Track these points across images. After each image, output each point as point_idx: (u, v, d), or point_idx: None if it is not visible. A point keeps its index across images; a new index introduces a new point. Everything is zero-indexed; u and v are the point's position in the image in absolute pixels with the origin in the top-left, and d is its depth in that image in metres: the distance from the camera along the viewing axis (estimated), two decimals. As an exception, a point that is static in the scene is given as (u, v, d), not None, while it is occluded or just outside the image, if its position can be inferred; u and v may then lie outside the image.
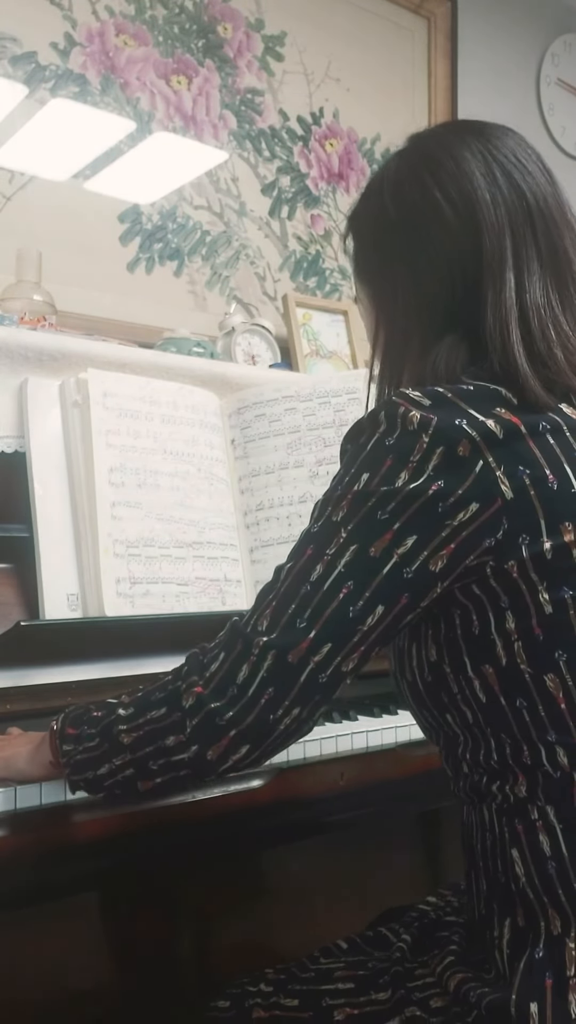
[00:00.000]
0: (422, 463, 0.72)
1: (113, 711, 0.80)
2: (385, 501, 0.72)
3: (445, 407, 0.73)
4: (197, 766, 0.75)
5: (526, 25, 2.69)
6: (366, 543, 0.72)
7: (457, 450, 0.71)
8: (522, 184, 0.82)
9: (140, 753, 0.77)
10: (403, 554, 0.72)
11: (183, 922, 1.28)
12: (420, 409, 0.73)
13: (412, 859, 1.52)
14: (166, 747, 0.76)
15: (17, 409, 1.20)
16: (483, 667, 0.75)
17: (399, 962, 0.84)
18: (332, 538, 0.74)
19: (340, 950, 0.93)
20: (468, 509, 0.71)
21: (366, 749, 1.08)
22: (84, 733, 0.81)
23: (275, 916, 1.34)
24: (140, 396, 1.26)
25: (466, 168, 0.81)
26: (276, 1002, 0.85)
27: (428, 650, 0.79)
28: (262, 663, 0.73)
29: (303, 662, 0.72)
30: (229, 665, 0.74)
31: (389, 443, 0.74)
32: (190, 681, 0.75)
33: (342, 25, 2.25)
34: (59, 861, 0.87)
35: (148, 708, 0.77)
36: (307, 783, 1.03)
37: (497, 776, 0.76)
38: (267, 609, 0.75)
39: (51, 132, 1.78)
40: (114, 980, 1.21)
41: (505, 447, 0.72)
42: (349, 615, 0.72)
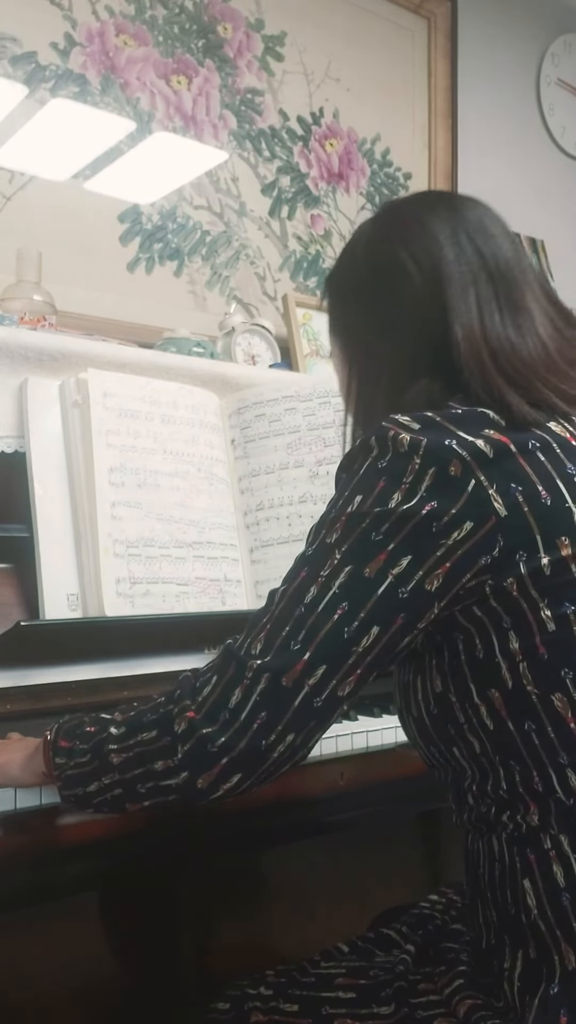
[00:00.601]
0: (415, 484, 0.72)
1: (106, 728, 0.80)
2: (379, 522, 0.73)
3: (434, 429, 0.74)
4: (186, 792, 0.75)
5: (526, 25, 2.69)
6: (361, 564, 0.72)
7: (449, 470, 0.72)
8: (484, 248, 0.85)
9: (129, 775, 0.77)
10: (398, 574, 0.72)
11: (183, 922, 1.28)
12: (410, 432, 0.74)
13: (412, 859, 1.52)
14: (155, 771, 0.75)
15: (17, 409, 1.20)
16: (489, 691, 0.74)
17: (403, 976, 0.83)
18: (326, 560, 0.74)
19: (341, 953, 0.92)
20: (463, 528, 0.71)
21: (366, 749, 1.08)
22: (76, 748, 0.81)
23: (275, 916, 1.34)
24: (140, 396, 1.26)
25: (432, 231, 0.85)
26: (275, 1006, 0.84)
27: (433, 681, 0.78)
28: (255, 686, 0.72)
29: (298, 685, 0.72)
30: (222, 689, 0.73)
31: (381, 466, 0.75)
32: (182, 705, 0.75)
33: (342, 25, 2.25)
34: (59, 861, 0.87)
35: (139, 730, 0.77)
36: (307, 783, 1.03)
37: (507, 806, 0.75)
38: (261, 632, 0.74)
39: (51, 132, 1.78)
40: (114, 980, 1.21)
41: (496, 466, 0.72)
42: (344, 636, 0.72)
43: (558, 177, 2.79)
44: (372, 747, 1.08)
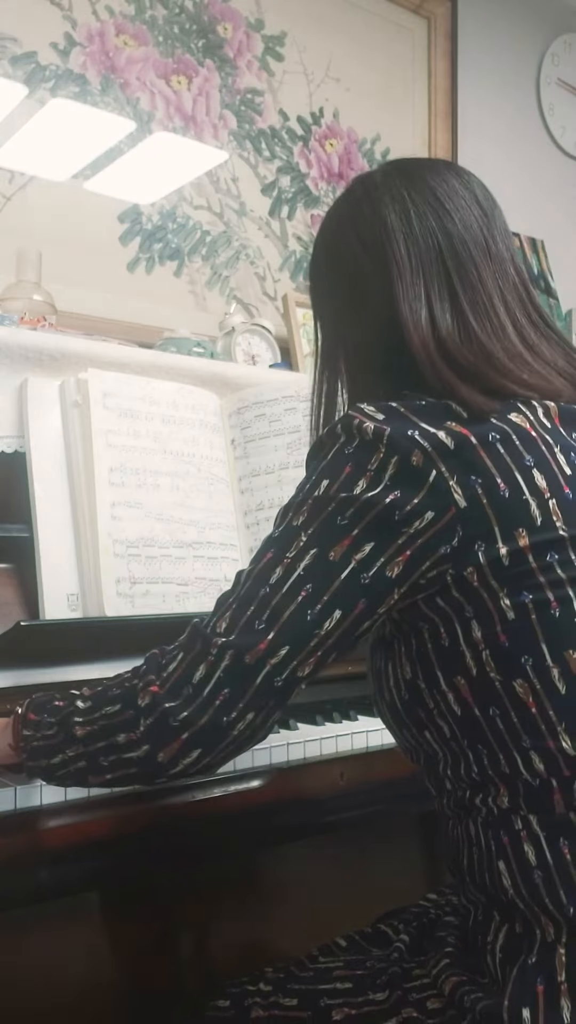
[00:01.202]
0: (379, 472, 0.74)
1: (72, 702, 0.81)
2: (344, 507, 0.74)
3: (398, 419, 0.76)
4: (147, 766, 0.76)
5: (526, 25, 2.69)
6: (326, 547, 0.74)
7: (411, 460, 0.73)
8: (438, 226, 0.84)
9: (92, 747, 0.78)
10: (361, 560, 0.73)
11: (183, 922, 1.28)
12: (374, 421, 0.75)
13: (412, 859, 1.52)
14: (117, 744, 0.76)
15: (17, 409, 1.20)
16: (455, 679, 0.76)
17: (397, 962, 0.84)
18: (292, 542, 0.76)
19: (339, 948, 0.93)
20: (424, 517, 0.73)
21: (366, 749, 1.08)
22: (44, 721, 0.82)
23: (275, 916, 1.34)
24: (140, 396, 1.26)
25: (382, 213, 0.85)
26: (275, 1001, 0.85)
27: (403, 668, 0.80)
28: (219, 663, 0.73)
29: (260, 664, 0.73)
30: (187, 665, 0.75)
31: (348, 452, 0.76)
32: (147, 680, 0.76)
33: (342, 25, 2.25)
34: (59, 861, 0.87)
35: (104, 703, 0.78)
36: (307, 783, 1.03)
37: (479, 789, 0.77)
38: (227, 611, 0.76)
39: (51, 132, 1.78)
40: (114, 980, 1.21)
41: (457, 457, 0.74)
42: (307, 618, 0.73)
43: (558, 177, 2.79)
44: (372, 747, 1.08)
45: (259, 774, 0.98)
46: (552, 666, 0.73)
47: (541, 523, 0.74)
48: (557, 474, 0.76)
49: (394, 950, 0.86)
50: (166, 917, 1.26)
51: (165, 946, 1.26)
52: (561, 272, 2.70)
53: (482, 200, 0.88)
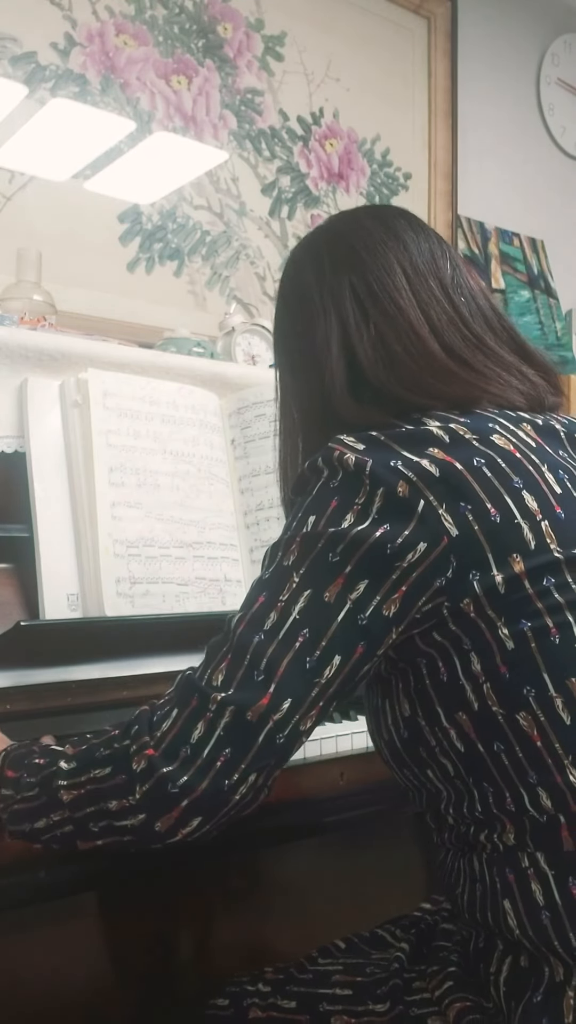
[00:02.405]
0: (366, 506, 0.72)
1: (55, 762, 0.76)
2: (334, 543, 0.71)
3: (379, 449, 0.74)
4: (143, 835, 0.71)
5: (526, 25, 2.69)
6: (320, 588, 0.71)
7: (397, 492, 0.71)
8: (347, 264, 0.86)
9: (80, 813, 0.73)
10: (356, 599, 0.71)
11: (183, 922, 1.28)
12: (354, 452, 0.73)
13: (412, 859, 1.52)
14: (109, 810, 0.71)
15: (17, 409, 1.20)
16: (457, 715, 0.73)
17: (398, 973, 0.83)
18: (284, 583, 0.72)
19: (339, 950, 0.92)
20: (416, 549, 0.70)
21: (366, 749, 1.07)
22: (23, 781, 0.77)
23: (274, 916, 1.34)
24: (140, 396, 1.26)
25: (306, 258, 0.90)
26: (273, 1003, 0.85)
27: (401, 705, 0.78)
28: (219, 720, 0.69)
29: (262, 720, 0.69)
30: (183, 723, 0.70)
31: (333, 485, 0.74)
32: (141, 742, 0.71)
33: (342, 25, 2.25)
34: (59, 861, 0.87)
35: (92, 766, 0.73)
36: (307, 783, 1.03)
37: (484, 825, 0.74)
38: (222, 662, 0.71)
39: (51, 132, 1.78)
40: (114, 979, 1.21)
41: (443, 484, 0.72)
42: (306, 666, 0.70)
43: (558, 177, 2.79)
44: (372, 747, 1.08)
45: (259, 774, 0.98)
46: (555, 696, 0.70)
47: (535, 546, 0.71)
48: (547, 494, 0.74)
49: (394, 959, 0.85)
50: (166, 917, 1.26)
51: (165, 946, 1.26)
52: (561, 272, 2.70)
53: (389, 223, 0.91)
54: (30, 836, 0.78)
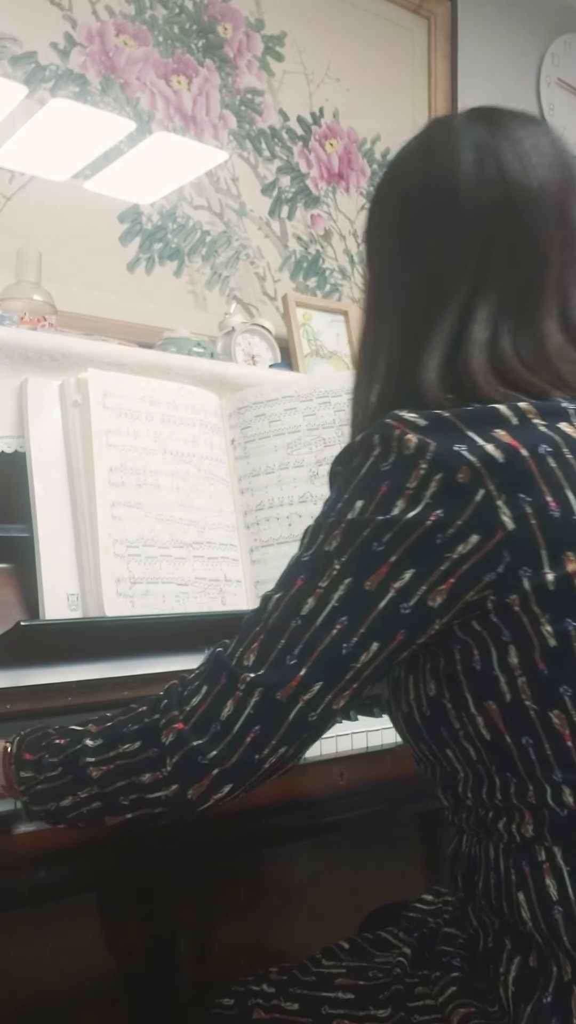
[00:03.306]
0: (419, 491, 0.68)
1: (79, 740, 0.76)
2: (381, 531, 0.68)
3: (444, 430, 0.69)
4: (175, 805, 0.72)
5: (526, 25, 2.69)
6: (361, 576, 0.69)
7: (456, 477, 0.67)
8: (510, 178, 0.76)
9: (110, 788, 0.73)
10: (400, 588, 0.68)
11: (184, 922, 1.28)
12: (417, 432, 0.69)
13: (412, 859, 1.52)
14: (141, 783, 0.72)
15: (17, 409, 1.20)
16: (486, 703, 0.71)
17: (400, 979, 0.82)
18: (325, 570, 0.70)
19: (342, 951, 0.92)
20: (468, 541, 0.67)
21: (366, 749, 1.08)
22: (45, 761, 0.77)
23: (275, 916, 1.34)
24: (140, 396, 1.26)
25: (457, 157, 0.78)
26: (277, 1004, 0.85)
27: (427, 684, 0.75)
28: (248, 700, 0.69)
29: (292, 700, 0.69)
30: (212, 700, 0.70)
31: (384, 468, 0.70)
32: (170, 716, 0.71)
33: (342, 25, 2.25)
34: (59, 861, 0.87)
35: (120, 741, 0.73)
36: (307, 783, 1.03)
37: (503, 814, 0.73)
38: (254, 643, 0.71)
39: (51, 132, 1.78)
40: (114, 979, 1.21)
41: (506, 473, 0.68)
42: (342, 652, 0.69)
43: None
44: (372, 747, 1.08)
45: (259, 774, 0.98)
46: None
47: None
48: None
49: (396, 964, 0.85)
50: (166, 917, 1.26)
51: (165, 946, 1.26)
52: (561, 272, 2.69)
53: (563, 160, 0.79)
54: (55, 815, 0.77)
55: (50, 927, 1.12)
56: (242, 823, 0.98)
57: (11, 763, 0.80)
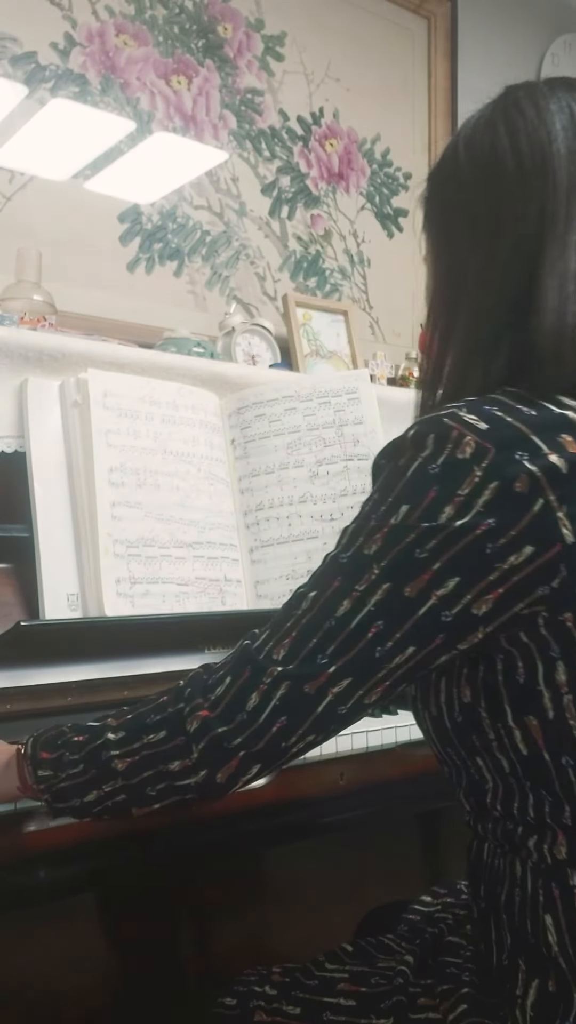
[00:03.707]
0: (471, 498, 0.64)
1: (99, 735, 0.76)
2: (425, 538, 0.65)
3: (505, 436, 0.65)
4: (205, 790, 0.72)
5: (526, 25, 2.69)
6: (401, 583, 0.66)
7: (514, 486, 0.63)
8: None
9: (136, 779, 0.73)
10: (443, 596, 0.65)
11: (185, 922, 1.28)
12: (475, 435, 0.65)
13: (412, 859, 1.52)
14: (169, 772, 0.72)
15: (17, 409, 1.20)
16: (526, 718, 0.68)
17: (402, 988, 0.81)
18: (363, 573, 0.67)
19: (346, 953, 0.91)
20: (522, 552, 0.63)
21: (366, 749, 1.08)
22: (65, 759, 0.77)
23: (275, 915, 1.34)
24: (140, 396, 1.26)
25: (546, 119, 0.73)
26: (279, 1007, 0.84)
27: (461, 689, 0.72)
28: (274, 692, 0.68)
29: (321, 693, 0.68)
30: (236, 691, 0.70)
31: (433, 471, 0.66)
32: (194, 704, 0.71)
33: (342, 25, 2.25)
34: (59, 861, 0.87)
35: (144, 732, 0.73)
36: (307, 783, 1.03)
37: (534, 831, 0.71)
38: (285, 639, 0.69)
39: (51, 132, 1.78)
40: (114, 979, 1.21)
41: (569, 483, 0.63)
42: (376, 655, 0.67)
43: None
44: (372, 747, 1.08)
45: (259, 774, 0.98)
46: None
47: None
48: None
49: (398, 973, 0.84)
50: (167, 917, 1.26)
51: (165, 945, 1.26)
52: (561, 272, 2.69)
53: None
54: (80, 811, 0.77)
55: (50, 927, 1.12)
56: (242, 823, 0.98)
57: (27, 764, 0.79)
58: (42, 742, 0.80)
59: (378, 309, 2.31)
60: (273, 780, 0.99)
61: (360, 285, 2.28)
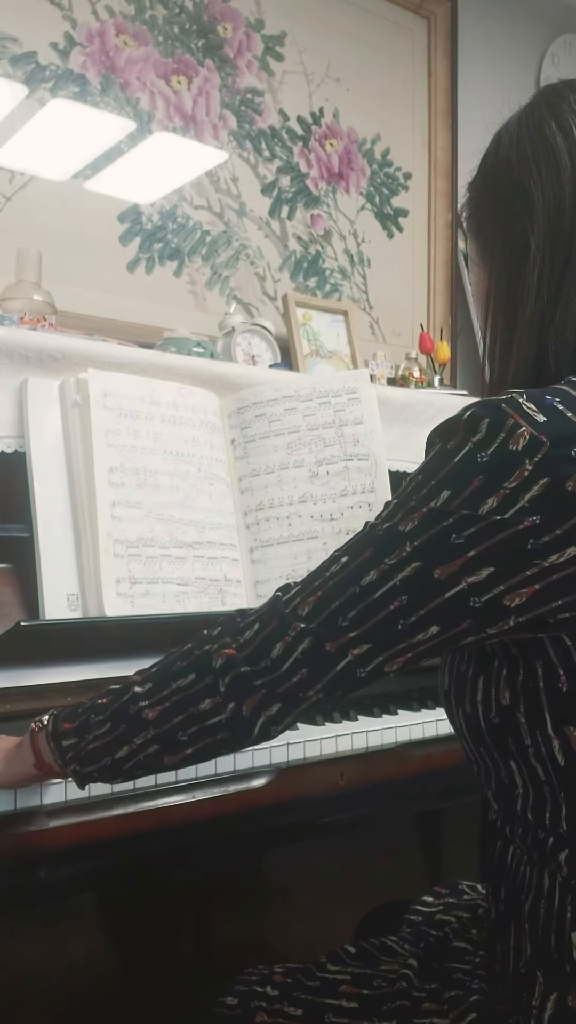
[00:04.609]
0: (517, 492, 0.62)
1: (124, 692, 0.77)
2: (463, 525, 0.64)
3: (562, 430, 0.63)
4: (234, 727, 0.72)
5: (526, 25, 2.69)
6: (432, 564, 0.65)
7: (566, 484, 0.61)
8: None
9: (168, 725, 0.74)
10: (474, 583, 0.64)
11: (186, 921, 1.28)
12: (532, 426, 0.63)
13: (412, 858, 1.52)
14: (200, 712, 0.73)
15: (17, 409, 1.20)
16: (568, 728, 0.67)
17: (406, 992, 0.81)
18: (394, 548, 0.67)
19: (348, 955, 0.91)
20: (565, 552, 0.62)
21: (366, 749, 1.08)
22: (91, 721, 0.78)
23: (275, 915, 1.34)
24: (140, 396, 1.26)
25: None
26: (280, 1008, 0.84)
27: (500, 690, 0.71)
28: (297, 645, 0.69)
29: (341, 653, 0.68)
30: (263, 639, 0.71)
31: (482, 459, 0.64)
32: (222, 642, 0.73)
33: (342, 25, 2.25)
34: (59, 861, 0.87)
35: (173, 678, 0.74)
36: (307, 783, 1.03)
37: (565, 844, 0.70)
38: (311, 596, 0.70)
39: (51, 132, 1.78)
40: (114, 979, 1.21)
41: None
42: (398, 627, 0.67)
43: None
44: (372, 747, 1.08)
45: (259, 774, 0.98)
46: None
47: None
48: None
49: (401, 977, 0.83)
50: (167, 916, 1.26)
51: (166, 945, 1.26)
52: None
53: None
54: (111, 770, 0.78)
55: (50, 927, 1.12)
56: (242, 823, 0.98)
57: (49, 739, 0.80)
58: (64, 715, 0.81)
59: (378, 309, 2.31)
60: (273, 780, 0.99)
61: (360, 285, 2.28)
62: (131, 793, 0.90)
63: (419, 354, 2.19)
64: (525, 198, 0.75)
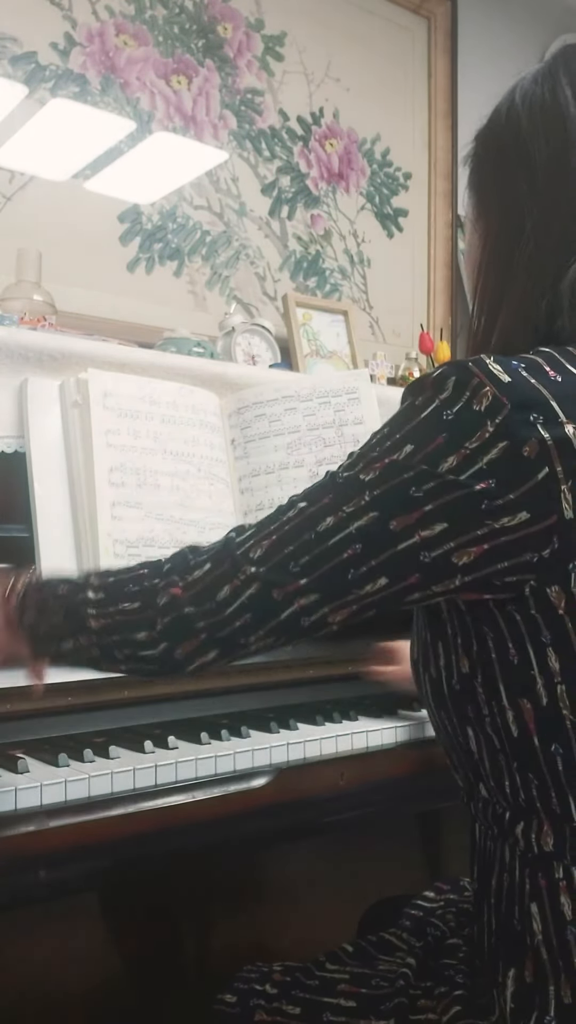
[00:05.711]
0: (477, 453, 0.63)
1: (82, 592, 0.77)
2: (422, 480, 0.65)
3: (524, 394, 0.64)
4: (165, 663, 0.73)
5: (526, 25, 2.69)
6: (388, 515, 0.66)
7: (522, 450, 0.63)
8: None
9: (107, 640, 0.75)
10: (426, 537, 0.65)
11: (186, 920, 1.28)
12: (496, 387, 0.64)
13: (412, 859, 1.52)
14: (135, 640, 0.74)
15: (17, 409, 1.20)
16: (520, 700, 0.68)
17: (403, 991, 0.81)
18: (353, 497, 0.67)
19: (346, 954, 0.91)
20: (516, 516, 0.63)
21: (366, 749, 1.08)
22: (49, 606, 0.78)
23: (275, 915, 1.34)
24: (140, 396, 1.26)
25: None
26: (279, 1007, 0.84)
27: (459, 658, 0.72)
28: (244, 590, 0.70)
29: (287, 601, 0.69)
30: (212, 580, 0.71)
31: (447, 417, 0.65)
32: (170, 580, 0.73)
33: (342, 25, 2.25)
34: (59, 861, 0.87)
35: (121, 599, 0.75)
36: (307, 783, 1.03)
37: (521, 816, 0.71)
38: (266, 539, 0.70)
39: (51, 132, 1.78)
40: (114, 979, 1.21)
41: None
42: (348, 577, 0.67)
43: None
44: (372, 747, 1.08)
45: (259, 774, 0.98)
46: None
47: None
48: None
49: (400, 975, 0.83)
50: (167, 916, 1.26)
51: (166, 945, 1.26)
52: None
53: None
54: (57, 657, 0.79)
55: (50, 927, 1.12)
56: (242, 823, 0.98)
57: (15, 605, 0.80)
58: (33, 586, 0.80)
59: (378, 309, 2.31)
60: (273, 780, 0.99)
61: (360, 285, 2.28)
62: (131, 793, 0.90)
63: (419, 354, 2.19)
64: (528, 167, 0.74)
